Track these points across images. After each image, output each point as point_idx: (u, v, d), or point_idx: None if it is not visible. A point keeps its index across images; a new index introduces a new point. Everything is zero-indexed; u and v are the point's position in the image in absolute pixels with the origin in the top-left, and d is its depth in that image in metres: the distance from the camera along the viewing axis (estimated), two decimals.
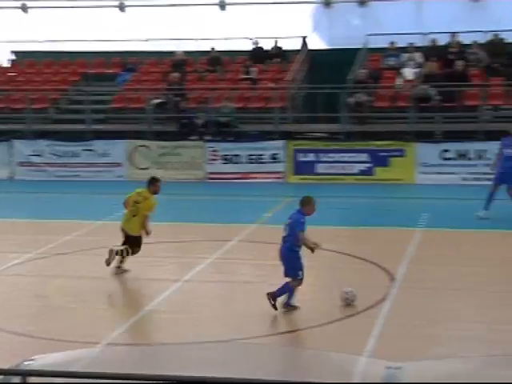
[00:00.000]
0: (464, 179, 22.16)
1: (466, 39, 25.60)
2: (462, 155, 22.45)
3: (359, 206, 19.96)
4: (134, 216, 13.22)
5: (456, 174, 22.34)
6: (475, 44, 25.25)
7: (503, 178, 17.34)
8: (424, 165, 22.67)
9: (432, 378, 4.51)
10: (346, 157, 23.16)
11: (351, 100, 24.07)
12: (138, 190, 13.47)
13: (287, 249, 11.08)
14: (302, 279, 11.03)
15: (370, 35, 26.71)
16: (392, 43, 26.27)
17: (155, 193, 13.39)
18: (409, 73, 24.82)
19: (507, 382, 4.72)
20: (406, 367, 4.41)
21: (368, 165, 23.03)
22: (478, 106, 23.47)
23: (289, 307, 11.06)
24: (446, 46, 25.56)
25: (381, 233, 16.22)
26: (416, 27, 27.31)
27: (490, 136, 22.42)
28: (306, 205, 11.15)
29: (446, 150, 22.57)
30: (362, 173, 23.02)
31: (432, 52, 25.40)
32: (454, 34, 25.59)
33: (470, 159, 22.40)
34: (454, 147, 22.53)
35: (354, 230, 16.90)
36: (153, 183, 13.45)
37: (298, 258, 11.07)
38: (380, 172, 22.86)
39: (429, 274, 12.88)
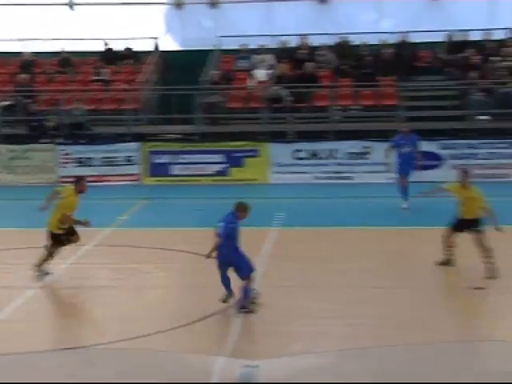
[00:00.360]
0: (316, 178, 22.68)
1: (315, 41, 26.23)
2: (314, 155, 22.97)
3: (215, 207, 19.98)
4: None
5: (308, 173, 22.82)
6: (324, 46, 25.91)
7: (405, 171, 18.89)
8: (277, 165, 23.03)
9: (288, 374, 4.58)
10: (201, 158, 23.20)
11: (206, 101, 24.15)
12: (67, 187, 13.34)
13: (232, 250, 11.07)
14: (253, 276, 11.12)
15: (222, 37, 26.88)
16: (244, 45, 26.54)
17: (80, 192, 13.14)
18: (261, 74, 25.15)
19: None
20: (263, 365, 4.45)
21: (223, 165, 23.17)
22: (328, 106, 24.09)
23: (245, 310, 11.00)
24: (296, 48, 26.10)
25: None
26: (267, 29, 27.75)
27: (340, 136, 23.10)
28: (241, 210, 11.25)
29: (299, 150, 23.02)
30: (218, 174, 23.14)
31: (283, 54, 25.88)
32: (303, 36, 26.16)
33: (321, 158, 22.94)
34: (306, 147, 23.01)
35: (209, 231, 16.91)
36: (78, 182, 13.23)
37: (243, 255, 11.12)
38: (235, 172, 23.04)
39: (285, 272, 13.09)
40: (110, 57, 27.27)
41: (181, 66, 25.95)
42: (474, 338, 9.78)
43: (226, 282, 11.17)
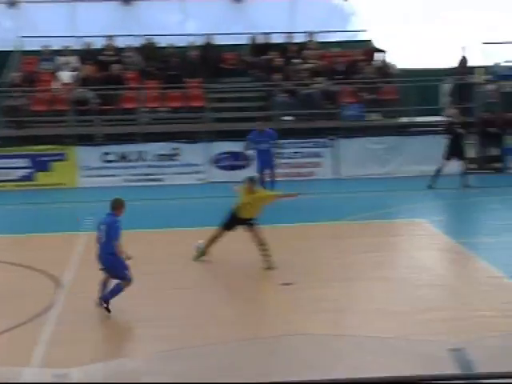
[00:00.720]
0: (126, 181, 22.46)
1: (121, 43, 25.95)
2: (123, 157, 22.75)
3: (19, 212, 19.37)
4: None
5: (118, 176, 22.56)
6: (130, 48, 25.71)
7: (264, 166, 19.63)
8: (86, 168, 22.61)
9: (100, 380, 4.49)
10: (4, 163, 22.33)
11: (7, 104, 23.28)
12: None
13: (107, 253, 10.87)
14: (130, 279, 10.88)
15: (24, 37, 26.00)
16: (46, 46, 25.79)
17: None
18: (65, 76, 24.57)
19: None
20: (73, 373, 4.34)
21: (28, 170, 22.44)
22: (135, 108, 23.94)
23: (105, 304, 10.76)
24: (101, 50, 25.70)
25: (44, 239, 15.84)
26: (71, 30, 27.13)
27: (149, 138, 23.03)
28: (119, 207, 11.09)
29: (107, 153, 22.72)
30: (23, 179, 22.37)
31: (88, 55, 25.41)
32: (109, 37, 25.81)
33: (130, 161, 22.77)
34: (114, 150, 22.75)
35: (15, 237, 16.37)
36: None
37: (120, 260, 10.89)
38: (41, 177, 22.38)
39: (97, 277, 12.83)
40: None
41: None
42: (285, 333, 10.03)
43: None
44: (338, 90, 24.17)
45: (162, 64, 25.19)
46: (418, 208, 17.66)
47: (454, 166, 22.38)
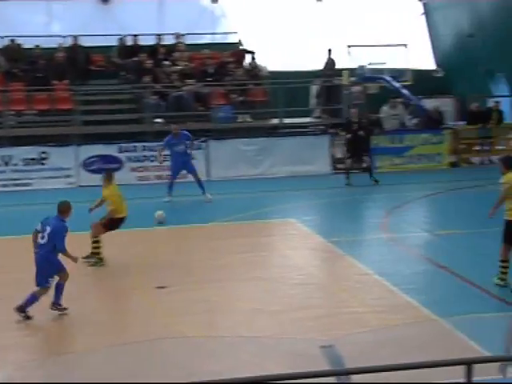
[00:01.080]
0: None
1: None
2: None
3: None
4: None
5: None
6: None
7: (180, 169, 19.36)
8: None
9: None
10: None
11: None
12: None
13: (43, 256, 10.77)
14: (49, 287, 10.84)
15: None
16: None
17: None
18: None
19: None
20: None
21: None
22: (0, 111, 23.15)
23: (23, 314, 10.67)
24: None
25: None
26: None
27: (15, 142, 22.33)
28: (67, 210, 11.16)
29: None
30: None
31: None
32: None
33: None
34: None
35: None
36: None
37: (54, 266, 10.83)
38: None
39: None
40: None
41: None
42: (160, 337, 9.94)
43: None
44: (208, 92, 24.20)
45: (28, 66, 24.47)
46: (290, 208, 17.89)
47: (324, 166, 22.88)
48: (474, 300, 11.52)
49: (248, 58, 25.94)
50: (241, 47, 26.39)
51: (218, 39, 28.19)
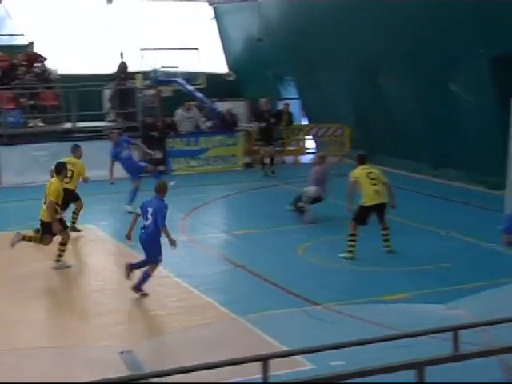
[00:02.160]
0: None
1: None
2: None
3: None
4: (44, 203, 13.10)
5: None
6: None
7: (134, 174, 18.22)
8: None
9: None
10: None
11: None
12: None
13: (150, 235, 11.65)
14: (160, 261, 11.85)
15: None
16: None
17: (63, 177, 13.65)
18: None
19: None
20: None
21: None
22: None
23: (140, 292, 11.70)
24: None
25: None
26: None
27: None
28: (165, 190, 11.88)
29: None
30: None
31: None
32: None
33: None
34: None
35: None
36: (61, 168, 13.51)
37: (159, 243, 11.75)
38: None
39: None
40: None
41: None
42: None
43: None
44: None
45: None
46: (88, 213, 17.49)
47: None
48: (272, 297, 11.84)
49: (38, 61, 25.12)
50: (30, 50, 25.51)
51: (5, 41, 27.10)
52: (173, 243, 11.71)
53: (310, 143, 27.00)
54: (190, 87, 25.23)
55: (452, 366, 5.77)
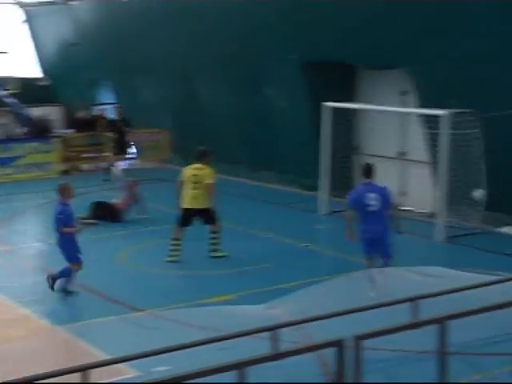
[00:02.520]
0: None
1: None
2: None
3: None
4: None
5: None
6: None
7: None
8: None
9: None
10: None
11: None
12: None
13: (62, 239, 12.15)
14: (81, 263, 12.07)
15: None
16: None
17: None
18: None
19: None
20: None
21: None
22: None
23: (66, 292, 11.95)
24: None
25: None
26: None
27: None
28: (66, 190, 12.14)
29: None
30: None
31: None
32: None
33: None
34: None
35: None
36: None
37: (74, 244, 12.07)
38: None
39: None
40: None
41: None
42: None
43: None
44: None
45: None
46: None
47: None
48: (94, 306, 11.64)
49: None
50: None
51: None
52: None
53: (129, 149, 26.75)
54: (1, 92, 24.35)
55: (272, 364, 5.90)
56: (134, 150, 26.55)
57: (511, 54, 14.65)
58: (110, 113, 26.88)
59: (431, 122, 16.38)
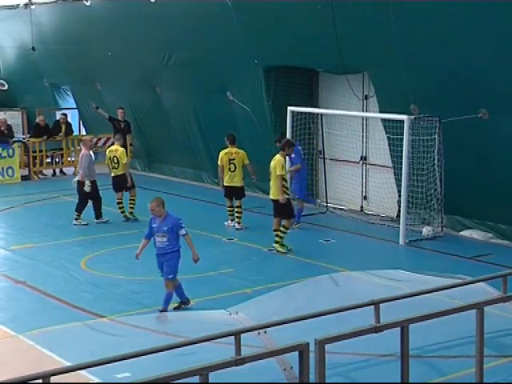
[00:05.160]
0: None
1: None
2: None
3: None
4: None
5: None
6: None
7: None
8: None
9: None
10: None
11: None
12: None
13: None
14: None
15: None
16: None
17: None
18: None
19: None
20: None
21: None
22: None
23: None
24: None
25: None
26: None
27: None
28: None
29: None
30: None
31: None
32: None
33: None
34: None
35: None
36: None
37: None
38: None
39: None
40: None
41: None
42: None
43: None
44: None
45: None
46: None
47: None
48: (55, 313, 11.53)
49: None
50: None
51: None
52: None
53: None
54: None
55: (235, 369, 5.90)
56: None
57: (471, 58, 14.80)
58: (73, 118, 26.66)
59: (392, 127, 16.53)
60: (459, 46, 14.88)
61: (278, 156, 15.10)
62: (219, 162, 16.93)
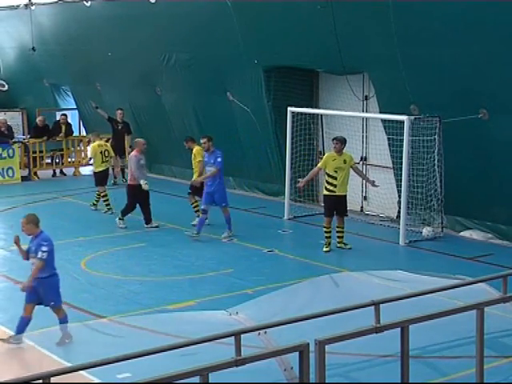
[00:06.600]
0: None
1: None
2: None
3: None
4: None
5: None
6: None
7: None
8: None
9: None
10: None
11: None
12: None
13: None
14: None
15: None
16: None
17: None
18: None
19: None
20: None
21: None
22: None
23: None
24: None
25: None
26: None
27: None
28: None
29: None
30: None
31: None
32: None
33: None
34: None
35: None
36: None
37: None
38: None
39: None
40: None
41: None
42: None
43: None
44: None
45: None
46: None
47: None
48: (51, 313, 11.51)
49: None
50: None
51: None
52: None
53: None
54: None
55: (235, 370, 5.89)
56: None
57: (471, 59, 14.80)
58: (73, 118, 26.66)
59: (392, 128, 16.52)
60: (459, 46, 14.87)
61: (349, 154, 15.27)
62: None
